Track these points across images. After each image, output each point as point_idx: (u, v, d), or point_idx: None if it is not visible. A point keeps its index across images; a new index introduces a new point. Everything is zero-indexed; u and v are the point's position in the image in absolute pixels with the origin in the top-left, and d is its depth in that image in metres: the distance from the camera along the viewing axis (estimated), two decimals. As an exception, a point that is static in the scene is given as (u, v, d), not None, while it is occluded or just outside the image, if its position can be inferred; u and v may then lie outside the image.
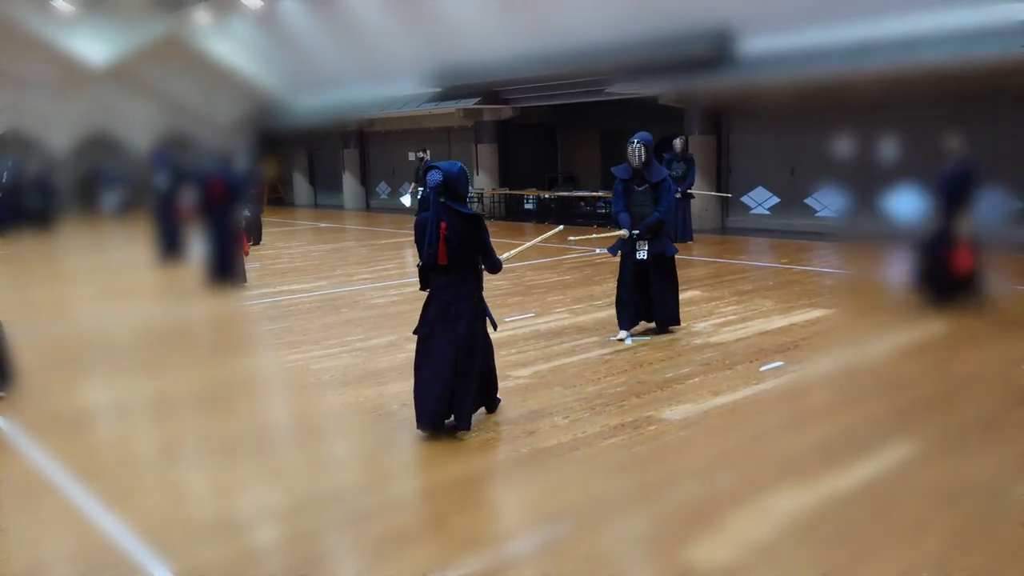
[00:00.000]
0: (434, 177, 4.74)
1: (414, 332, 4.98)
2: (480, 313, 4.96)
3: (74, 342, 7.88)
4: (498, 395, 5.32)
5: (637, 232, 6.91)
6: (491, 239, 4.98)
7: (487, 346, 5.09)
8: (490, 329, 5.09)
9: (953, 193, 7.84)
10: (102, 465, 4.68)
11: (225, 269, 10.26)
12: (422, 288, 4.98)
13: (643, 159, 6.84)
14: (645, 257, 6.94)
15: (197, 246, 10.66)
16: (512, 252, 5.71)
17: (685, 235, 13.44)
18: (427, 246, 4.75)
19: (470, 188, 16.77)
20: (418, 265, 4.92)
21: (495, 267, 5.04)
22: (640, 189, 6.95)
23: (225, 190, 10.16)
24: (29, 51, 19.93)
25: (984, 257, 8.00)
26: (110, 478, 4.45)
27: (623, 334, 7.03)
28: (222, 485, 4.38)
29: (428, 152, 17.01)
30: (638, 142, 6.85)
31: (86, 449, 4.95)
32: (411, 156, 20.98)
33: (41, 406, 5.76)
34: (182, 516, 3.97)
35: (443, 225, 4.72)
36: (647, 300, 7.12)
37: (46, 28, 19.65)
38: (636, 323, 7.12)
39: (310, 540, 3.69)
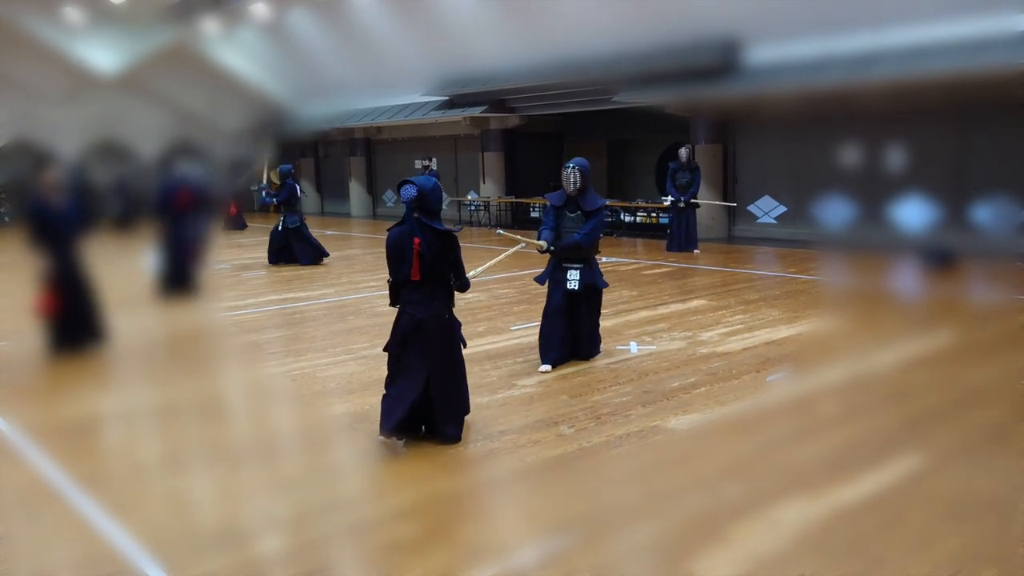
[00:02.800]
0: (408, 192, 4.70)
1: (384, 349, 4.95)
2: (452, 329, 4.94)
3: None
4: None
5: (553, 248, 6.47)
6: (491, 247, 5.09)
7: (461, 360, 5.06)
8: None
9: None
10: (106, 473, 4.68)
11: (180, 278, 10.15)
12: (392, 304, 4.94)
13: (578, 185, 6.39)
14: (576, 287, 6.46)
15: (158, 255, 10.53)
16: (479, 269, 5.78)
17: (689, 244, 13.43)
18: (400, 261, 4.75)
19: (473, 197, 16.61)
20: (388, 281, 4.89)
21: (464, 286, 5.01)
22: (572, 215, 6.50)
23: (192, 199, 10.09)
24: (38, 59, 20.05)
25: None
26: (114, 486, 4.44)
27: (546, 367, 6.40)
28: (226, 494, 4.37)
29: (434, 160, 17.03)
30: (573, 167, 6.38)
31: (90, 456, 4.95)
32: (417, 164, 21.02)
33: (46, 413, 5.77)
34: (186, 525, 3.96)
35: (416, 240, 4.70)
36: (573, 332, 6.59)
37: (56, 37, 19.76)
38: (564, 356, 6.53)
39: (314, 550, 3.68)
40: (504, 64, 17.13)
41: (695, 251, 13.33)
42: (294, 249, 13.25)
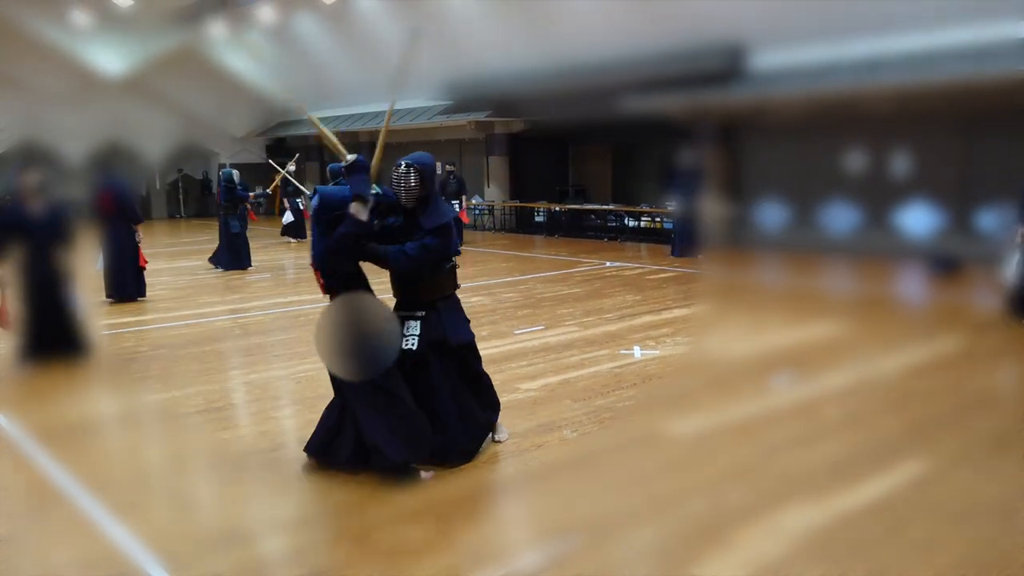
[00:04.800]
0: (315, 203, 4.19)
1: None
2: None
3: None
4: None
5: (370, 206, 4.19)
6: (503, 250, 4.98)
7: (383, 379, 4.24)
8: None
9: None
10: (110, 474, 4.69)
11: (122, 282, 10.12)
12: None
13: (415, 193, 4.38)
14: (414, 347, 4.46)
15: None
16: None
17: (692, 250, 13.47)
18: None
19: (477, 201, 16.23)
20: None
21: (388, 263, 4.35)
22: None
23: (113, 203, 9.97)
24: (46, 62, 20.14)
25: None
26: (118, 487, 4.46)
27: (427, 475, 4.41)
28: (230, 496, 4.38)
29: (456, 166, 17.28)
30: (408, 165, 4.37)
31: (94, 458, 4.96)
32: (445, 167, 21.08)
33: (49, 414, 5.79)
34: (190, 527, 3.97)
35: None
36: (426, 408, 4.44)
37: (63, 39, 19.85)
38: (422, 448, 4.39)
39: (317, 552, 3.69)
40: (509, 68, 17.16)
41: (698, 256, 13.34)
42: None
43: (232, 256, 13.31)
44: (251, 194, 13.80)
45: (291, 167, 16.20)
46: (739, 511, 3.95)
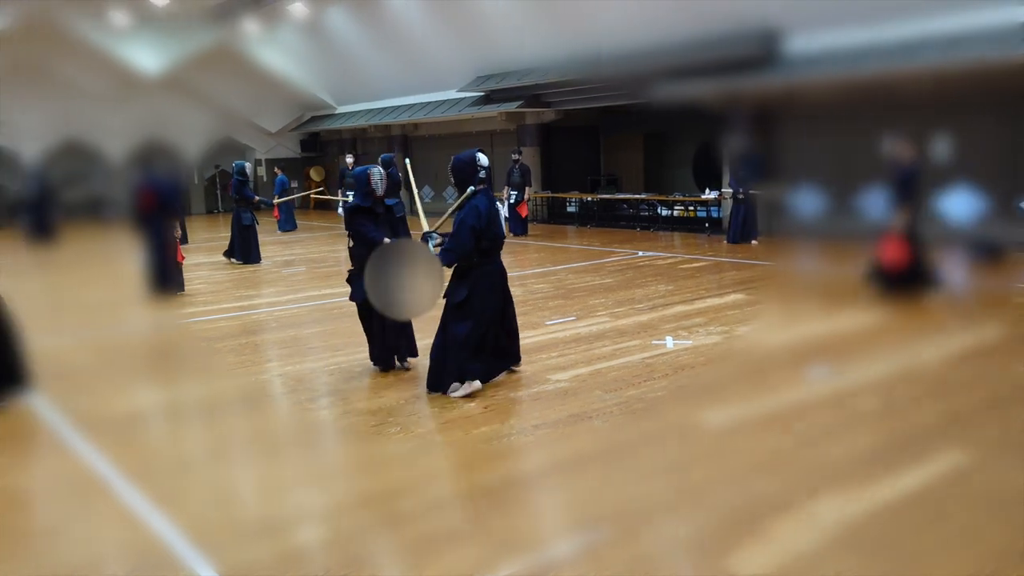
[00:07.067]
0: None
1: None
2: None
3: (126, 344, 8.10)
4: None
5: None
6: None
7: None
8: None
9: (900, 192, 8.41)
10: (151, 465, 4.80)
11: (163, 278, 10.29)
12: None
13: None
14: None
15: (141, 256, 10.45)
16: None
17: (747, 236, 13.51)
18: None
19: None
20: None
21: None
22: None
23: (155, 200, 10.13)
24: (86, 61, 20.56)
25: (923, 250, 8.52)
26: (159, 478, 4.56)
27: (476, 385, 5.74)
28: (267, 486, 4.46)
29: (522, 152, 17.36)
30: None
31: (136, 449, 5.08)
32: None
33: (92, 407, 5.93)
34: (228, 516, 4.05)
35: None
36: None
37: (102, 39, 20.24)
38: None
39: (352, 541, 3.73)
40: (539, 58, 17.09)
41: (753, 242, 13.42)
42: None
43: (243, 248, 13.49)
44: (256, 198, 13.82)
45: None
46: (774, 502, 3.91)
